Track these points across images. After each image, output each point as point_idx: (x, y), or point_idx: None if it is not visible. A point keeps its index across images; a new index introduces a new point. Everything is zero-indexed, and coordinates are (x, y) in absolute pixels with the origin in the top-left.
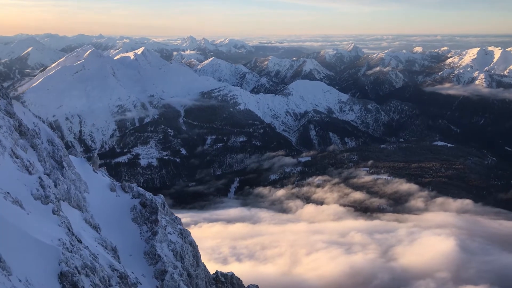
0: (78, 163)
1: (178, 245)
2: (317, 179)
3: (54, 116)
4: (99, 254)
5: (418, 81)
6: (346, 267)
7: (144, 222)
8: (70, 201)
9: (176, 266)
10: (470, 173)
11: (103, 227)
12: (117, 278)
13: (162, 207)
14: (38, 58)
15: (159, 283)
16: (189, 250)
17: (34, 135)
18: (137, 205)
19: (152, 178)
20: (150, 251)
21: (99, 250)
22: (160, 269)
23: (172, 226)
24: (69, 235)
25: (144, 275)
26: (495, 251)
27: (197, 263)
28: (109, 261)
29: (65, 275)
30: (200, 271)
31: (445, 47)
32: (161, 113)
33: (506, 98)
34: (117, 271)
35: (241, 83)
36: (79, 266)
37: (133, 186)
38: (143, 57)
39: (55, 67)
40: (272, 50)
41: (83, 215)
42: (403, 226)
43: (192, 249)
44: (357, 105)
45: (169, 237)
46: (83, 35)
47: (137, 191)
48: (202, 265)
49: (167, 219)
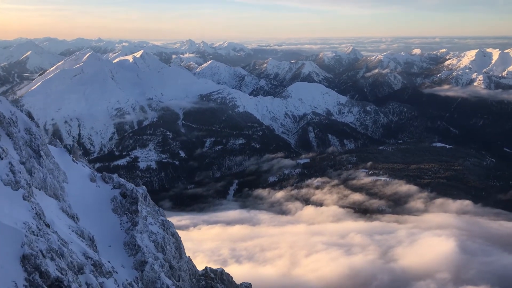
0: (57, 153)
1: (160, 236)
2: (316, 181)
3: (53, 119)
4: (72, 242)
5: (417, 83)
6: (346, 269)
7: (124, 212)
8: (46, 190)
9: (157, 257)
10: (469, 174)
11: (81, 217)
12: (91, 266)
13: (143, 198)
14: (37, 62)
15: (139, 274)
16: (171, 242)
17: (10, 123)
18: (118, 196)
19: (151, 181)
20: (130, 241)
21: (73, 237)
22: (140, 260)
23: (153, 217)
24: (37, 220)
25: (123, 265)
26: (496, 252)
27: (180, 255)
28: (83, 249)
29: (28, 258)
30: (183, 263)
31: (443, 49)
32: (160, 116)
33: (504, 100)
34: (91, 259)
35: (240, 86)
36: (43, 249)
37: (113, 177)
38: (142, 60)
39: (54, 71)
40: (271, 53)
41: (60, 204)
42: (403, 227)
43: (174, 241)
44: (356, 107)
45: (150, 228)
46: (82, 39)
47: (117, 181)
48: (187, 258)
49: (148, 210)
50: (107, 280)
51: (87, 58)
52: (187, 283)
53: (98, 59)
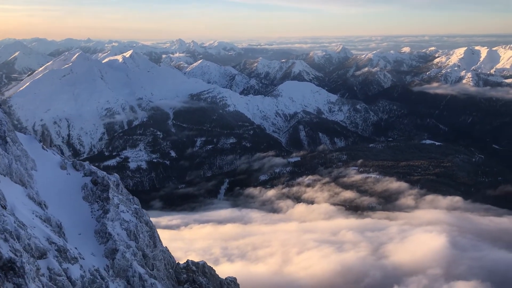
0: (26, 141)
1: (132, 224)
2: (307, 179)
3: (42, 120)
4: (35, 227)
5: (406, 81)
6: (338, 265)
7: (95, 200)
8: (12, 176)
9: (130, 245)
10: (458, 170)
11: (51, 204)
12: (55, 251)
13: (115, 185)
14: (25, 62)
15: (110, 262)
16: (145, 230)
17: None
18: (88, 183)
19: (141, 181)
20: (100, 229)
21: (36, 223)
22: (111, 248)
23: (126, 205)
24: None
25: (94, 254)
26: (486, 247)
27: (154, 244)
28: (46, 234)
29: None
30: (158, 252)
31: (432, 47)
32: (150, 115)
33: (493, 97)
34: (54, 244)
35: (231, 85)
36: None
37: (84, 164)
38: (131, 60)
39: (43, 71)
40: (262, 52)
41: (27, 191)
42: (394, 224)
43: (148, 230)
44: (346, 106)
45: (122, 215)
46: (71, 39)
47: (88, 169)
48: (164, 248)
49: (121, 198)
50: (72, 266)
51: (76, 58)
52: (162, 273)
53: (87, 59)
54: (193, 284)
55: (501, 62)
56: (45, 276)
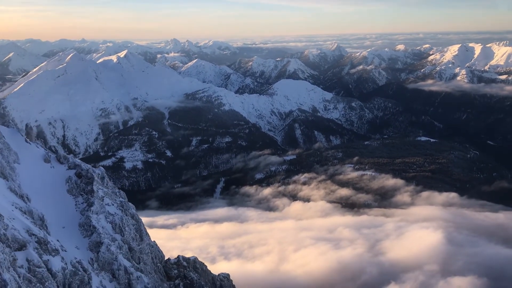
0: (9, 134)
1: (117, 217)
2: (303, 177)
3: (36, 121)
4: (14, 219)
5: (401, 78)
6: (335, 263)
7: (79, 193)
8: None
9: (115, 238)
10: (453, 167)
11: (34, 197)
12: (35, 243)
13: (100, 179)
14: (19, 63)
15: (94, 255)
16: (130, 223)
17: None
18: (73, 176)
19: (137, 181)
20: (85, 222)
21: (16, 215)
22: (95, 241)
23: (111, 198)
24: None
25: (77, 247)
26: (482, 242)
27: (140, 237)
28: (26, 226)
29: None
30: (144, 246)
31: (427, 45)
32: (145, 115)
33: (487, 93)
34: (35, 236)
35: (226, 84)
36: None
37: (69, 157)
38: (126, 60)
39: (37, 72)
40: (257, 51)
41: (8, 183)
42: (390, 220)
43: (134, 223)
44: (341, 103)
45: (107, 208)
46: (66, 40)
47: (73, 162)
48: (152, 242)
49: (106, 191)
50: (53, 258)
51: (70, 59)
52: (149, 267)
53: (82, 60)
54: (184, 279)
55: (495, 58)
56: (24, 268)
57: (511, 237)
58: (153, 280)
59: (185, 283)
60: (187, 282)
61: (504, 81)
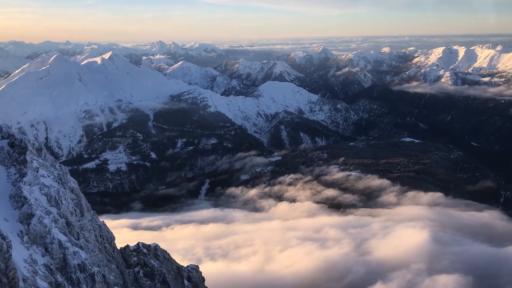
0: None
1: (53, 190)
2: (289, 178)
3: (18, 123)
4: None
5: (386, 80)
6: (321, 262)
7: (12, 163)
8: None
9: (50, 211)
10: (437, 167)
11: None
12: None
13: (36, 150)
14: (2, 65)
15: (25, 228)
16: (69, 197)
17: None
18: (5, 146)
19: (121, 183)
20: (16, 193)
21: None
22: (26, 213)
23: (48, 170)
24: None
25: (6, 219)
26: (467, 241)
27: (81, 213)
28: None
29: None
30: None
31: (412, 47)
32: (130, 117)
33: (470, 95)
34: None
35: (212, 86)
36: None
37: (2, 127)
38: (110, 61)
39: (19, 73)
40: (243, 53)
41: None
42: (377, 220)
43: (75, 197)
44: (326, 105)
45: (42, 180)
46: (50, 42)
47: (6, 131)
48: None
49: (42, 162)
50: None
51: (53, 60)
52: (92, 244)
53: (65, 61)
54: (145, 267)
55: (478, 61)
56: None
57: (495, 236)
58: (97, 259)
59: (146, 271)
60: (148, 270)
61: (487, 83)
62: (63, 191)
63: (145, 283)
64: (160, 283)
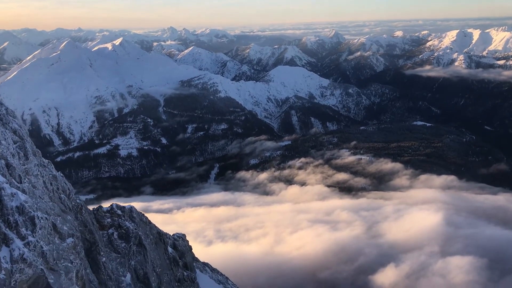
0: None
1: None
2: (299, 162)
3: (30, 109)
4: None
5: (399, 64)
6: (331, 244)
7: None
8: None
9: None
10: (449, 150)
11: None
12: None
13: None
14: (14, 52)
15: None
16: (9, 137)
17: None
18: None
19: (132, 168)
20: None
21: None
22: None
23: None
24: None
25: None
26: (481, 224)
27: (25, 156)
28: None
29: None
30: (32, 166)
31: (425, 31)
32: (140, 103)
33: (485, 79)
34: None
35: (222, 72)
36: None
37: None
38: (121, 47)
39: (31, 60)
40: (254, 39)
41: None
42: (389, 203)
43: (18, 140)
44: (338, 90)
45: None
46: (62, 29)
47: None
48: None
49: None
50: None
51: (64, 47)
52: (40, 191)
53: (76, 47)
54: (119, 229)
55: (493, 44)
56: None
57: (510, 219)
58: (46, 206)
59: (120, 233)
60: (122, 232)
61: (502, 66)
62: (3, 130)
63: (120, 245)
64: (136, 246)
